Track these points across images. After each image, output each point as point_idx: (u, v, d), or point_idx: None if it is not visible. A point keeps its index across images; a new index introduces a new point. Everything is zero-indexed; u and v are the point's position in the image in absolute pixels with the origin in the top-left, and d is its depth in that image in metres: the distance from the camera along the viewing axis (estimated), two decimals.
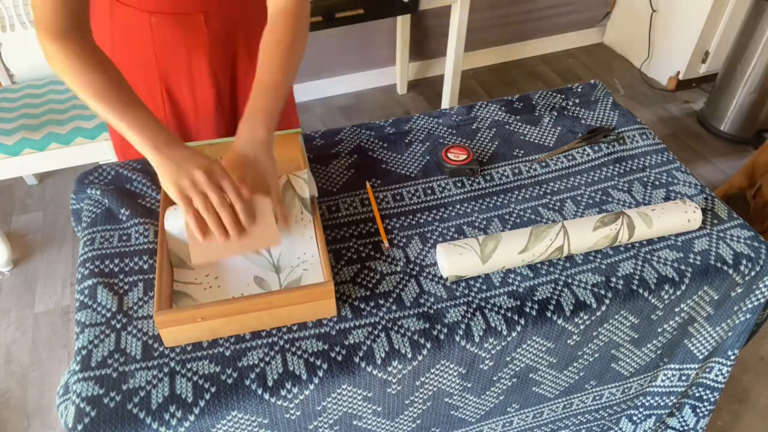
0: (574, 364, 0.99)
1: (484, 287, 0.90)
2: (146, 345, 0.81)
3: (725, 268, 0.94)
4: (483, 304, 0.87)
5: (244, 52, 1.11)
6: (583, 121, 1.22)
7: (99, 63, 0.83)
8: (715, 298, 0.97)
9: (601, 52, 3.09)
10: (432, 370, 0.86)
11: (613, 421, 1.20)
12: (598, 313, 0.90)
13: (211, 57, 1.07)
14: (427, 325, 0.84)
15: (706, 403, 1.17)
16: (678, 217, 0.95)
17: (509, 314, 0.86)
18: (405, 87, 2.78)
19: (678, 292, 0.93)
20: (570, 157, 1.13)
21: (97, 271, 0.90)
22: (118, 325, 0.83)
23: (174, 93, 1.09)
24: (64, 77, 0.82)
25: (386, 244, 0.95)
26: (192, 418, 0.75)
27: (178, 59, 1.05)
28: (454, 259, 0.87)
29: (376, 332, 0.83)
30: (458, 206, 1.02)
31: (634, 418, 1.20)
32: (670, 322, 0.98)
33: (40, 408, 1.60)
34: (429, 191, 1.05)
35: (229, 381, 0.77)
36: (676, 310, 0.96)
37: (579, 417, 1.15)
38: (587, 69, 2.96)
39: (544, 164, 1.11)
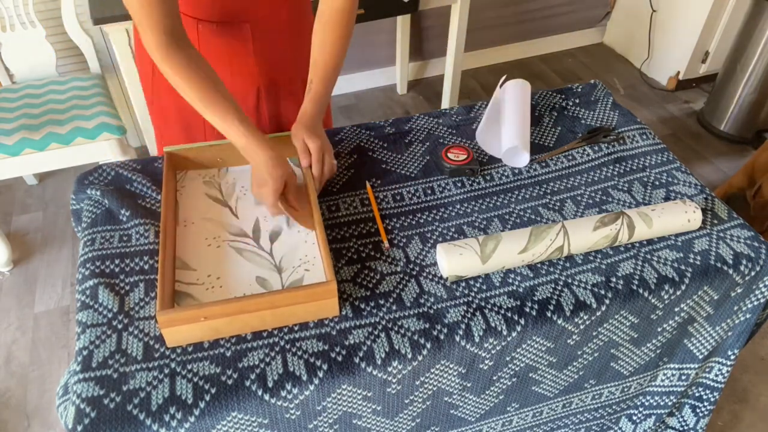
0: (574, 364, 0.99)
1: (484, 287, 0.90)
2: (147, 346, 0.81)
3: (725, 268, 0.94)
4: (483, 304, 0.88)
5: (290, 60, 1.13)
6: (583, 121, 1.22)
7: (202, 73, 0.92)
8: (715, 298, 0.97)
9: (601, 52, 3.10)
10: (432, 370, 0.86)
11: (613, 421, 1.20)
12: (598, 313, 0.90)
13: (254, 64, 1.09)
14: (427, 325, 0.84)
15: (706, 403, 1.17)
16: (678, 217, 0.95)
17: (509, 314, 0.86)
18: (405, 87, 2.78)
19: (678, 292, 0.93)
20: (570, 157, 1.13)
21: (98, 272, 0.90)
22: (120, 326, 0.83)
23: None
24: (176, 88, 0.92)
25: (386, 244, 0.95)
26: (192, 419, 0.75)
27: (221, 67, 1.06)
28: (454, 259, 0.87)
29: (376, 332, 0.83)
30: (458, 206, 1.03)
31: (634, 417, 1.20)
32: (670, 322, 0.99)
33: (40, 408, 1.60)
34: (429, 191, 1.05)
35: (230, 382, 0.78)
36: (676, 309, 0.96)
37: (578, 416, 1.15)
38: (587, 69, 2.97)
39: (544, 164, 1.11)
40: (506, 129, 1.11)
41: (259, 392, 0.77)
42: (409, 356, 0.82)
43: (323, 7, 1.03)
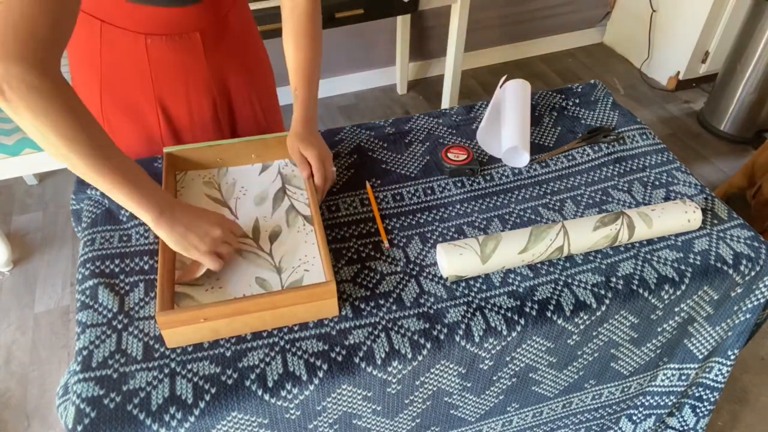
0: (574, 364, 0.99)
1: (484, 287, 0.90)
2: (147, 346, 0.81)
3: (725, 268, 0.94)
4: (483, 304, 0.88)
5: (240, 65, 1.12)
6: (583, 121, 1.22)
7: (84, 113, 0.72)
8: (715, 298, 0.97)
9: (601, 52, 3.10)
10: (432, 370, 0.86)
11: (613, 421, 1.20)
12: (598, 313, 0.90)
13: (208, 74, 1.07)
14: (427, 325, 0.85)
15: (705, 403, 1.17)
16: (678, 217, 0.95)
17: (509, 314, 0.86)
18: (405, 87, 2.78)
19: (678, 292, 0.93)
20: (570, 157, 1.13)
21: (98, 272, 0.90)
22: (119, 326, 0.83)
23: (169, 109, 1.08)
24: (38, 121, 0.66)
25: (386, 244, 0.95)
26: (192, 419, 0.75)
27: (175, 79, 1.04)
28: (454, 259, 0.87)
29: (376, 332, 0.83)
30: (458, 206, 1.03)
31: (634, 417, 1.20)
32: (670, 322, 0.99)
33: (40, 408, 1.60)
34: (429, 191, 1.05)
35: (229, 382, 0.78)
36: (676, 309, 0.96)
37: (578, 416, 1.15)
38: (587, 69, 2.97)
39: (544, 164, 1.11)
40: (506, 129, 1.11)
41: (259, 392, 0.77)
42: (409, 356, 0.82)
43: (286, 13, 1.01)
